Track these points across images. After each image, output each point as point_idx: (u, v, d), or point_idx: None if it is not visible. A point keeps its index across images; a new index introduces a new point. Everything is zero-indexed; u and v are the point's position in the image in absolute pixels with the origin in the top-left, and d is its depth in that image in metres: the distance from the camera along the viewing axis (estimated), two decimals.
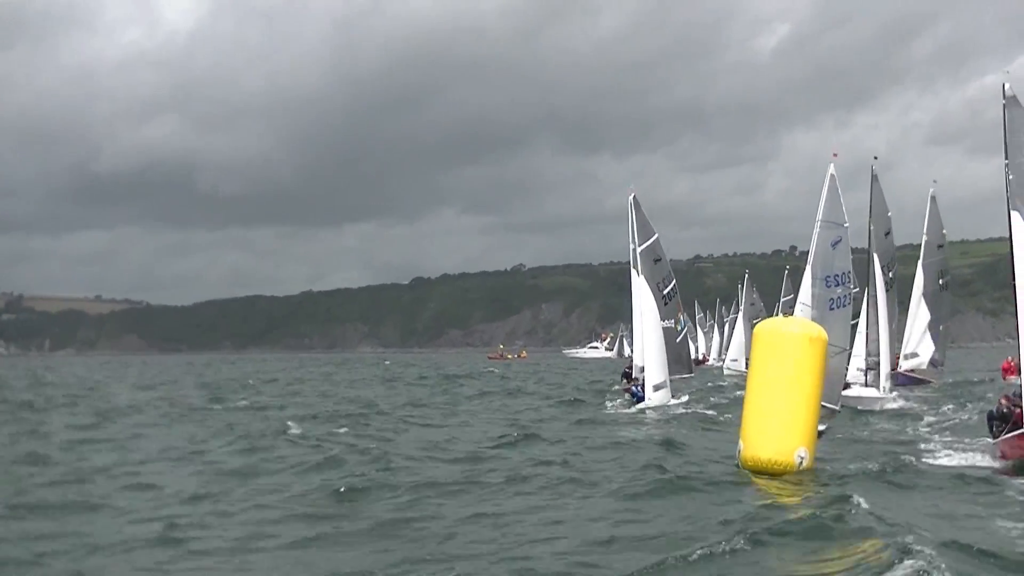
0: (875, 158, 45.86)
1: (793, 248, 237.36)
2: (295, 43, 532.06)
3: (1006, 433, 18.91)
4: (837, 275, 33.47)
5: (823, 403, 33.60)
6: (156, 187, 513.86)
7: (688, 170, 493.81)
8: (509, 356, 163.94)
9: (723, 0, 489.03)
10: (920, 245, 50.39)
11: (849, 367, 37.34)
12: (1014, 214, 25.54)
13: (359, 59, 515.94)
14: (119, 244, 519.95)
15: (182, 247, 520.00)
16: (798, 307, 33.19)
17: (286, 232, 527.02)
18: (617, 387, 47.68)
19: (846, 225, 33.42)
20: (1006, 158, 22.84)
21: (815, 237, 33.78)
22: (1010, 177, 21.91)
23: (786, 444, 16.47)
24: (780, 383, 16.56)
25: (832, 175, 33.67)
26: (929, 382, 47.32)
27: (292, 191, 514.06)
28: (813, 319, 32.97)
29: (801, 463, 16.43)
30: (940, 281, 49.85)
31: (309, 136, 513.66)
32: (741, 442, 16.99)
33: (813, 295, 33.26)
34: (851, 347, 36.02)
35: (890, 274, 41.45)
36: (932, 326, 49.29)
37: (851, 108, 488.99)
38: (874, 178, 42.67)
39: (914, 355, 49.61)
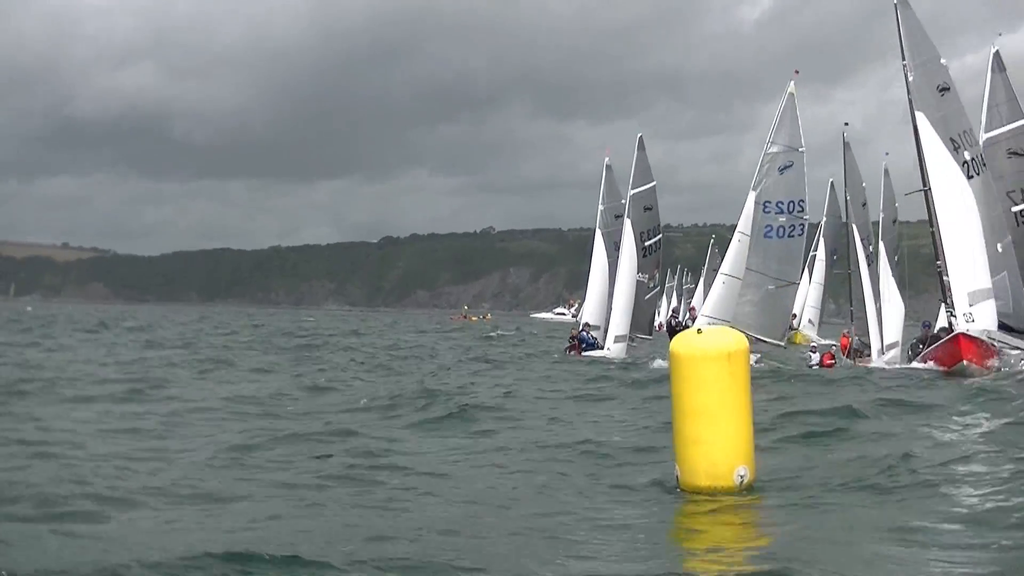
0: (846, 124, 45.87)
1: None
2: None
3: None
4: (781, 202, 32.27)
5: (765, 338, 33.96)
6: (130, 134, 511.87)
7: (662, 137, 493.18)
8: (473, 319, 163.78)
9: None
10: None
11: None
12: (919, 114, 26.39)
13: (339, 11, 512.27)
14: (90, 191, 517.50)
15: (153, 196, 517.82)
16: (735, 236, 32.69)
17: (258, 185, 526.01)
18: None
19: (801, 150, 32.00)
20: (903, 59, 23.94)
21: (761, 158, 32.40)
22: (910, 78, 22.72)
23: (722, 467, 15.30)
24: (704, 407, 15.24)
25: (791, 94, 31.82)
26: None
27: (266, 144, 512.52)
28: (749, 247, 32.67)
29: (742, 481, 15.14)
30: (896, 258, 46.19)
31: (285, 88, 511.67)
32: (677, 466, 15.55)
33: (753, 221, 32.53)
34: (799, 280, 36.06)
35: (870, 247, 38.93)
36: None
37: (831, 83, 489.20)
38: (846, 146, 41.20)
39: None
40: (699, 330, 15.33)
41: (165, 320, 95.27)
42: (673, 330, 37.58)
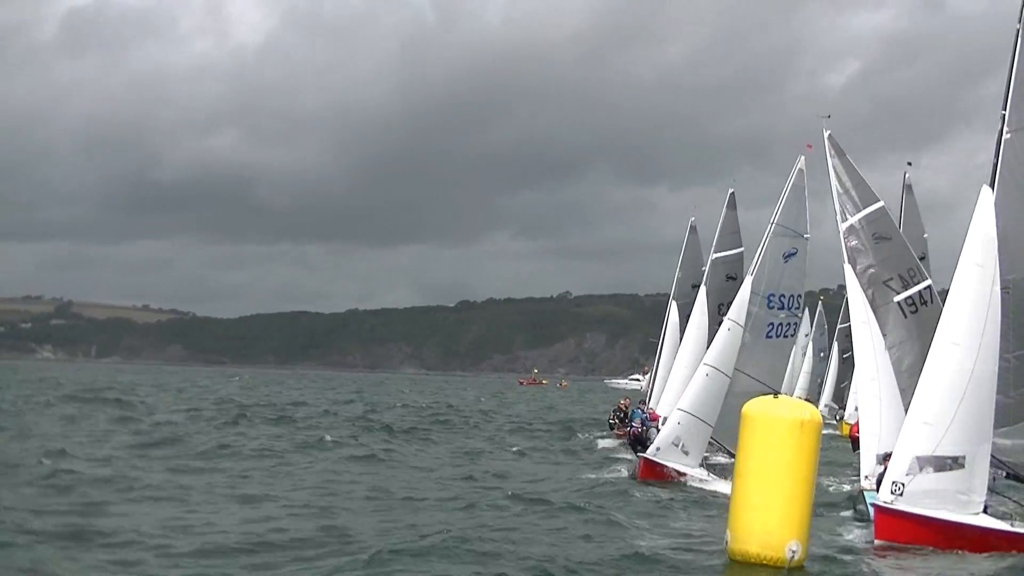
0: (908, 164, 41.12)
1: (841, 287, 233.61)
2: (361, 59, 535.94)
3: None
4: (784, 296, 29.03)
5: (727, 447, 28.55)
6: (213, 198, 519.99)
7: (744, 203, 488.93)
8: (544, 382, 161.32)
9: (794, 32, 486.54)
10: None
11: None
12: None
13: (425, 77, 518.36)
14: (171, 254, 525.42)
15: (234, 259, 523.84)
16: (725, 324, 28.59)
17: (339, 249, 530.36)
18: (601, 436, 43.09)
19: (807, 236, 28.76)
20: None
21: (764, 244, 28.86)
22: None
23: (775, 537, 15.56)
24: (767, 472, 15.63)
25: (801, 170, 28.56)
26: None
27: (347, 208, 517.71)
28: (744, 344, 28.45)
29: (793, 557, 15.47)
30: None
31: (369, 154, 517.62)
32: (728, 532, 16.14)
33: (749, 314, 28.76)
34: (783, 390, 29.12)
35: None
36: None
37: (917, 149, 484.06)
38: (907, 188, 37.69)
39: None
40: (775, 394, 16.35)
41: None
42: (638, 441, 32.57)
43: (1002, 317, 20.04)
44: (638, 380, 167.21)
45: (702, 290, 36.16)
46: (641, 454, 29.59)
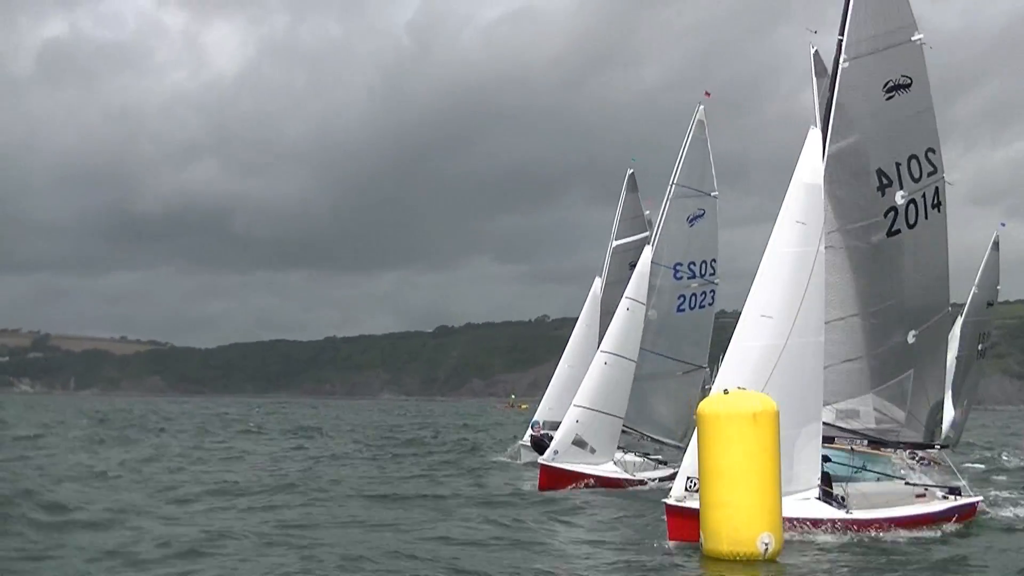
0: (1002, 225, 36.31)
1: None
2: (339, 87, 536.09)
3: None
4: (693, 263, 26.55)
5: (664, 439, 27.12)
6: (191, 229, 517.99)
7: (726, 224, 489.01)
8: (524, 406, 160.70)
9: (768, 55, 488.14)
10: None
11: None
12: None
13: (403, 105, 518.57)
14: (149, 285, 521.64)
15: (212, 289, 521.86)
16: (623, 304, 25.83)
17: (317, 276, 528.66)
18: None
19: (714, 195, 26.26)
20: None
21: (664, 207, 26.31)
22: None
23: (744, 534, 15.40)
24: (726, 469, 15.45)
25: (701, 121, 25.88)
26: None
27: (327, 236, 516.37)
28: (649, 321, 26.21)
29: (767, 549, 15.30)
30: (980, 346, 37.28)
31: (347, 181, 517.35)
32: (701, 532, 15.97)
33: (652, 288, 26.26)
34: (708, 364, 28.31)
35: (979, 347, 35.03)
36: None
37: None
38: (994, 245, 35.13)
39: None
40: (725, 390, 15.81)
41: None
42: (538, 444, 31.65)
43: (857, 275, 19.04)
44: None
45: (596, 283, 34.18)
46: (540, 459, 27.17)
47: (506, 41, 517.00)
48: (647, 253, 26.48)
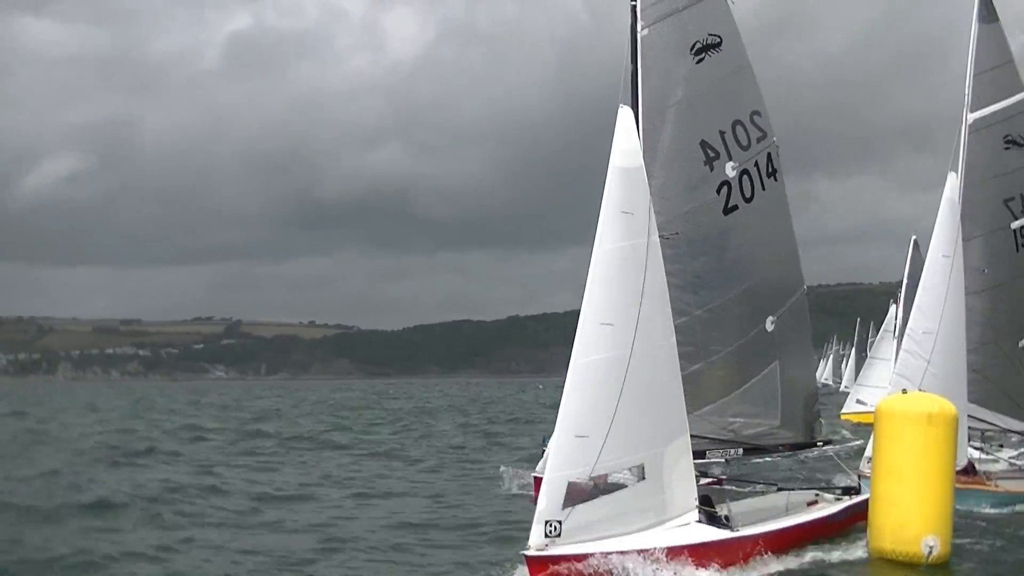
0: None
1: None
2: (517, 66, 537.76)
3: None
4: None
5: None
6: (374, 213, 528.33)
7: (908, 188, 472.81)
8: None
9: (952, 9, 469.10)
10: None
11: None
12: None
13: (581, 79, 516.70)
14: (336, 270, 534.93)
15: (396, 271, 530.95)
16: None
17: (499, 255, 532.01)
18: None
19: None
20: None
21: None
22: None
23: (909, 533, 15.49)
24: (899, 468, 15.58)
25: None
26: None
27: (507, 215, 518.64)
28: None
29: (931, 552, 15.29)
30: None
31: (526, 159, 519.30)
32: (868, 530, 16.36)
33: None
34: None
35: None
36: None
37: None
38: None
39: None
40: (904, 390, 16.47)
41: None
42: None
43: (700, 262, 16.94)
44: None
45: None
46: None
47: None
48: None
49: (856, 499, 18.52)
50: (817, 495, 19.22)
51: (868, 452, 19.73)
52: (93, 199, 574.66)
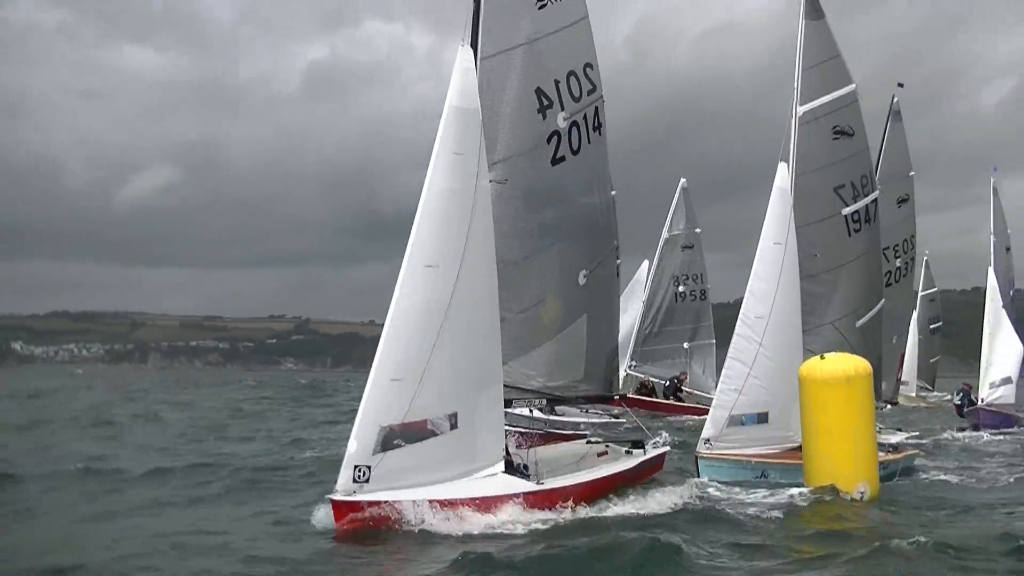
0: (900, 85, 34.36)
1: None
2: None
3: None
4: None
5: None
6: None
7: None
8: None
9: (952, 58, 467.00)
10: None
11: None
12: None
13: (619, 114, 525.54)
14: (393, 276, 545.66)
15: None
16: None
17: None
18: None
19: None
20: None
21: None
22: None
23: (843, 483, 16.76)
24: (827, 427, 16.77)
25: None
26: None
27: None
28: None
29: (863, 496, 16.74)
30: (1012, 292, 38.68)
31: None
32: (804, 480, 17.35)
33: None
34: None
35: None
36: None
37: None
38: (894, 114, 32.72)
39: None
40: (822, 356, 17.35)
41: None
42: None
43: (524, 210, 16.66)
44: None
45: None
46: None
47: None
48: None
49: (651, 453, 18.97)
50: (608, 446, 19.55)
51: (704, 433, 19.93)
52: (182, 208, 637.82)
